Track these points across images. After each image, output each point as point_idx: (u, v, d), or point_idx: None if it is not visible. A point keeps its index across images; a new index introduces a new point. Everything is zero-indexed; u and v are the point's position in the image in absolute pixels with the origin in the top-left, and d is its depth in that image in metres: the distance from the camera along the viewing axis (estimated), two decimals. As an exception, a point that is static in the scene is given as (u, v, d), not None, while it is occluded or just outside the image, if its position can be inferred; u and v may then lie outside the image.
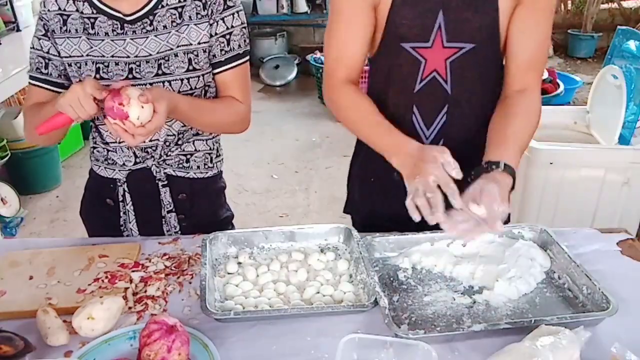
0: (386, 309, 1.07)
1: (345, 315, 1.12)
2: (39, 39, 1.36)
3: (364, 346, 0.98)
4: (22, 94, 3.65)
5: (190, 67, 1.35)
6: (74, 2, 1.33)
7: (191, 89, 1.37)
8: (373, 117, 1.30)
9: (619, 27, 2.71)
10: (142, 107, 1.15)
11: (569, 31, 6.07)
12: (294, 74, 5.67)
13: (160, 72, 1.33)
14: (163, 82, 1.34)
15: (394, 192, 1.24)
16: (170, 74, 1.34)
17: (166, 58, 1.33)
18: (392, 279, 1.24)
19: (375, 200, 1.49)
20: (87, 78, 1.20)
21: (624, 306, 1.09)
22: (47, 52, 1.36)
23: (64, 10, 1.33)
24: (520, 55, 1.29)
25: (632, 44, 2.54)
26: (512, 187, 1.15)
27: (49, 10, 1.34)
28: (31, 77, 1.39)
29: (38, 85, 1.38)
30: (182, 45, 1.33)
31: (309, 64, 5.23)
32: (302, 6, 5.64)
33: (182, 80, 1.35)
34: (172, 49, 1.33)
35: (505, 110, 1.28)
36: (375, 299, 1.10)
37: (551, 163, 2.42)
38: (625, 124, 2.48)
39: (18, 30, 3.74)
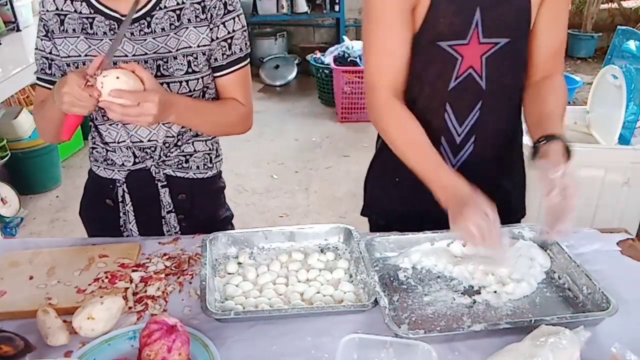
0: (386, 309, 1.07)
1: (345, 315, 1.12)
2: (42, 40, 1.37)
3: (364, 346, 0.98)
4: (22, 93, 3.64)
5: (190, 70, 1.35)
6: (71, 2, 1.33)
7: (190, 91, 1.37)
8: (420, 146, 1.27)
9: (619, 27, 2.72)
10: (117, 77, 1.16)
11: (569, 31, 6.03)
12: (294, 74, 5.66)
13: (159, 74, 1.33)
14: (162, 83, 1.33)
15: (422, 189, 1.23)
16: (170, 76, 1.34)
17: (165, 60, 1.33)
18: (392, 278, 1.24)
19: (401, 199, 1.46)
20: (68, 76, 1.18)
21: (624, 306, 1.09)
22: (50, 53, 1.37)
23: (62, 10, 1.33)
24: (546, 45, 1.34)
25: (632, 44, 2.55)
26: (569, 156, 1.20)
27: (47, 10, 1.34)
28: (37, 78, 1.40)
29: (43, 86, 1.40)
30: (182, 48, 1.33)
31: (309, 64, 5.23)
32: (302, 6, 5.63)
33: (180, 82, 1.35)
34: (171, 51, 1.33)
35: (537, 95, 1.34)
36: (376, 298, 1.11)
37: (551, 163, 2.42)
38: (625, 124, 2.48)
39: (18, 30, 3.73)
